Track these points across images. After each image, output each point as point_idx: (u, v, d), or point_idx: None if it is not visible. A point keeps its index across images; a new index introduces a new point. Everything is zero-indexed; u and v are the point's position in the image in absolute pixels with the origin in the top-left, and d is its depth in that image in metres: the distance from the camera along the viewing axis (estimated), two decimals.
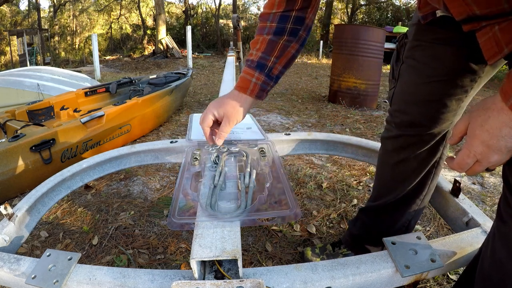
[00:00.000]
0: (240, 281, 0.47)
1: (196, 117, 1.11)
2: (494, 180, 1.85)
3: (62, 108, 2.53)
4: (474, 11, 0.44)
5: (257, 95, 0.72)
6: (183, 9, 18.13)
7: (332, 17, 16.81)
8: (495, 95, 0.43)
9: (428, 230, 1.37)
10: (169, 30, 14.90)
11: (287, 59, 0.73)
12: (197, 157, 0.77)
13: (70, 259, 0.59)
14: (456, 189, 0.86)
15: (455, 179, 0.86)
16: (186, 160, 0.76)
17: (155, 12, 13.23)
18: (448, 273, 1.10)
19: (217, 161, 0.75)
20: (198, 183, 0.67)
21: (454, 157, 0.50)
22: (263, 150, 0.82)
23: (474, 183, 1.81)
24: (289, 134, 1.17)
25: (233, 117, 0.72)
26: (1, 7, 15.49)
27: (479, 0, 0.43)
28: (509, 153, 0.44)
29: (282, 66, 0.73)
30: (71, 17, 18.55)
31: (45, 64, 11.48)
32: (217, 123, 0.76)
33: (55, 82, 3.25)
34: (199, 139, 0.89)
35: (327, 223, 1.41)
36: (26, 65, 10.56)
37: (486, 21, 0.44)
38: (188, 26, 7.78)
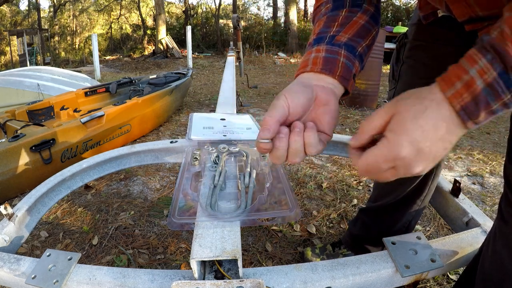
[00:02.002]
0: (240, 281, 0.47)
1: (196, 117, 1.11)
2: (494, 180, 1.85)
3: (62, 108, 2.54)
4: (477, 13, 0.44)
5: (323, 68, 0.48)
6: (183, 9, 18.12)
7: None
8: (432, 84, 0.36)
9: (428, 230, 1.36)
10: (169, 30, 14.89)
11: (356, 28, 0.53)
12: (197, 157, 0.77)
13: (70, 259, 0.59)
14: (456, 189, 0.86)
15: (455, 179, 0.86)
16: (186, 160, 0.75)
17: (155, 12, 13.23)
18: (448, 273, 1.10)
19: (217, 161, 0.75)
20: (198, 183, 0.66)
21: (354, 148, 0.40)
22: None
23: (474, 183, 1.81)
24: None
25: (327, 100, 0.45)
26: (1, 7, 15.48)
27: (482, 2, 0.43)
28: (434, 162, 0.35)
29: (350, 34, 0.52)
30: (71, 17, 18.55)
31: (45, 64, 11.47)
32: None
33: (55, 82, 3.25)
34: (199, 139, 0.89)
35: (327, 223, 1.41)
36: (26, 65, 10.56)
37: (488, 21, 0.44)
38: (188, 26, 7.77)
